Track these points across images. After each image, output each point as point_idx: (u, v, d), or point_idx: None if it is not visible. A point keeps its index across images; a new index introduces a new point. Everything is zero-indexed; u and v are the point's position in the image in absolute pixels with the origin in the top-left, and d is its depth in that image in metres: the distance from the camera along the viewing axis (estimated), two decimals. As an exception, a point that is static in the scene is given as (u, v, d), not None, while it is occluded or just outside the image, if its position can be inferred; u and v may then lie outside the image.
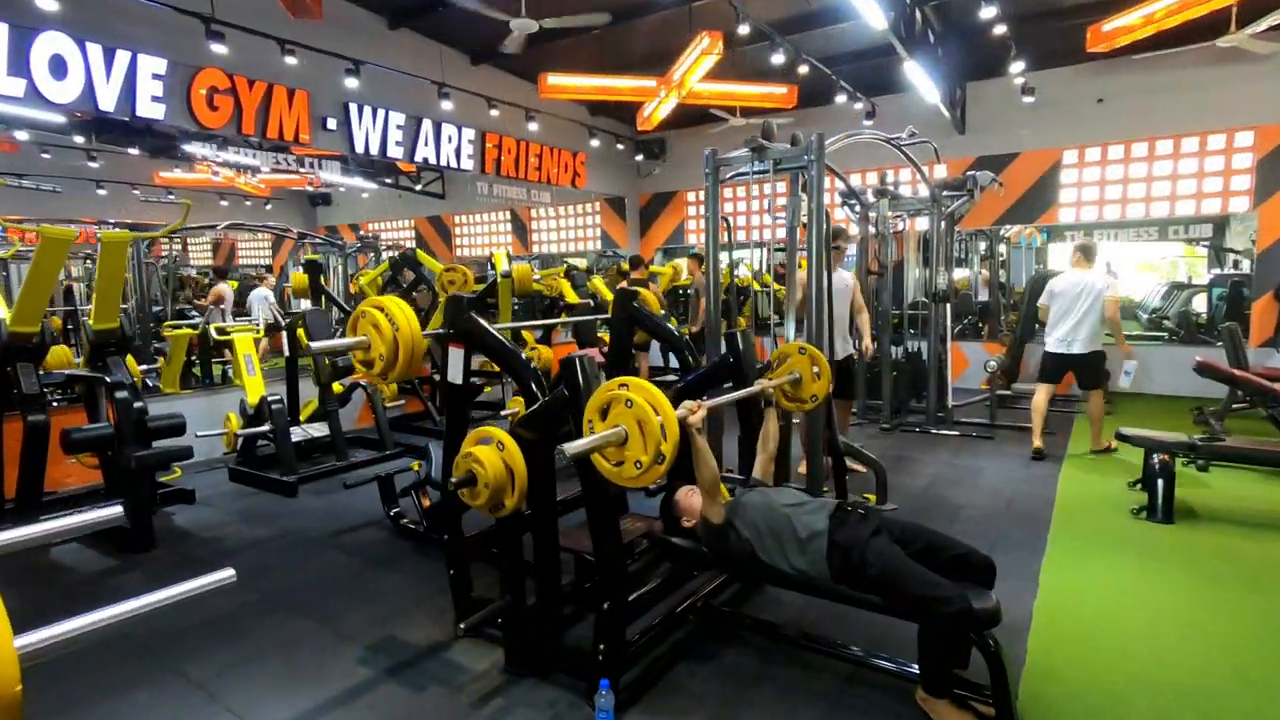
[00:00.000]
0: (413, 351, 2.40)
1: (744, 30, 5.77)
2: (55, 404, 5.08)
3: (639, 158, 10.30)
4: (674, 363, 8.34)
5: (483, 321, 2.59)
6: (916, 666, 2.28)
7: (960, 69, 7.63)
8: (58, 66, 4.74)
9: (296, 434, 5.50)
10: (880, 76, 7.79)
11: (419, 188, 12.10)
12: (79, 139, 8.17)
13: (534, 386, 2.47)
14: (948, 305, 6.35)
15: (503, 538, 2.48)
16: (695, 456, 2.34)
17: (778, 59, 6.30)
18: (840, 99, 7.76)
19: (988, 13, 5.61)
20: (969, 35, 6.84)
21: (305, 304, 6.73)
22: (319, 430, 5.56)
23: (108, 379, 3.77)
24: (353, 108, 6.51)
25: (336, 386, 5.64)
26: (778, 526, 2.33)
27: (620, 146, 9.65)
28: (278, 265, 14.83)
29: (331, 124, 6.45)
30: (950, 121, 7.89)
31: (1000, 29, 6.15)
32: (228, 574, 1.33)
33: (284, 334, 5.64)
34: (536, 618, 2.51)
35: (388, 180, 11.71)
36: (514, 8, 5.56)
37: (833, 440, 4.10)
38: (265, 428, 5.01)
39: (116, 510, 1.22)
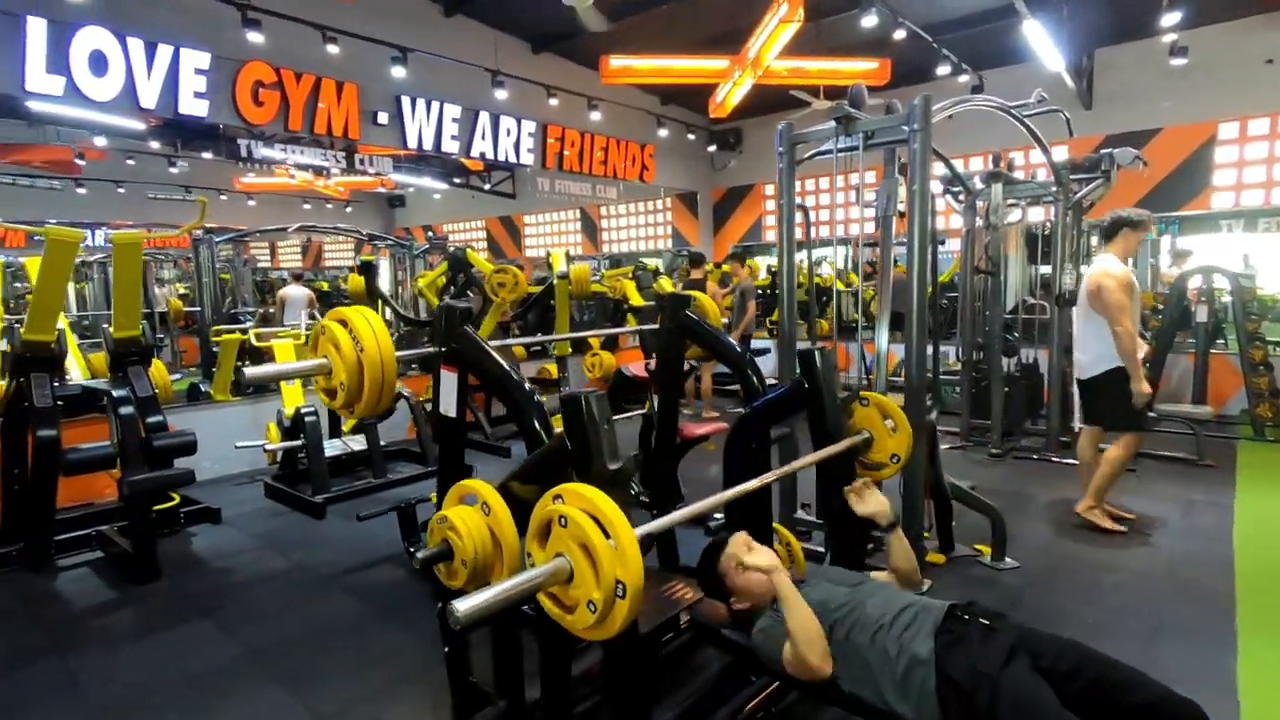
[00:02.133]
0: (382, 377, 1.86)
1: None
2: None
3: (712, 149, 9.61)
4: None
5: (479, 339, 2.02)
6: None
7: (1090, 31, 6.52)
8: (98, 63, 4.57)
9: (336, 447, 5.18)
10: (989, 46, 6.79)
11: (488, 187, 11.87)
12: (154, 144, 8.29)
13: (537, 426, 1.88)
14: (1073, 309, 5.32)
15: (497, 623, 1.90)
16: (784, 609, 1.70)
17: (869, 21, 5.47)
18: (942, 71, 6.80)
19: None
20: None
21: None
22: (360, 443, 5.21)
23: (113, 393, 3.47)
24: (405, 100, 6.17)
25: (379, 396, 5.27)
26: (864, 650, 1.62)
27: (691, 137, 9.00)
28: (357, 267, 15.04)
29: (383, 118, 6.14)
30: (1075, 94, 6.80)
31: (1147, -24, 5.11)
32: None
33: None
34: (541, 725, 1.91)
35: (457, 180, 11.53)
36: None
37: (937, 480, 3.33)
38: (299, 441, 4.69)
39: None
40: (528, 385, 1.96)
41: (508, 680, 1.90)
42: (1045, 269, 5.60)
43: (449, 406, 2.11)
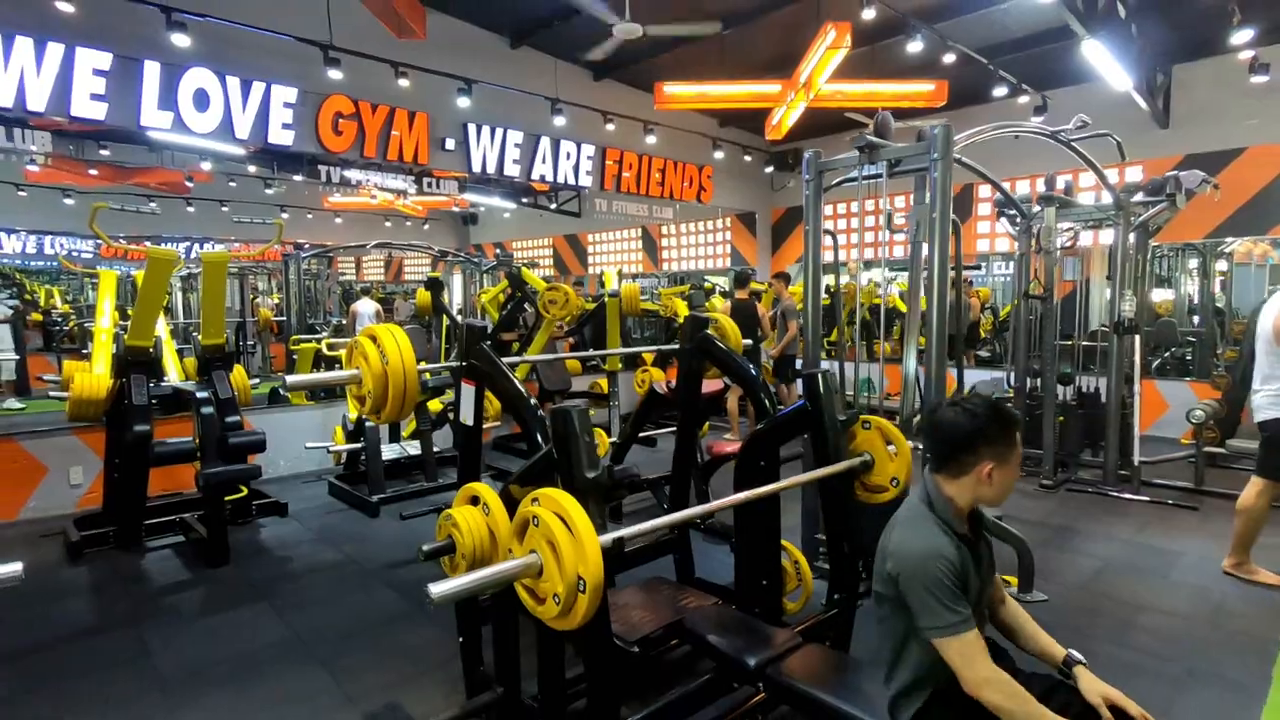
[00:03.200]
0: (405, 387, 2.09)
1: (877, 17, 5.05)
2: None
3: (769, 170, 9.67)
4: (801, 390, 7.57)
5: (495, 357, 2.22)
6: None
7: (1163, 48, 6.27)
8: (201, 99, 5.10)
9: (394, 451, 5.53)
10: (1054, 65, 6.61)
11: (554, 207, 12.29)
12: (252, 168, 9.08)
13: (539, 439, 2.05)
14: (1135, 337, 5.10)
15: (495, 615, 2.07)
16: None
17: (916, 47, 5.47)
18: (1000, 92, 6.66)
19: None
20: (1173, 4, 5.56)
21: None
22: (416, 448, 5.54)
23: (197, 394, 3.88)
24: (471, 127, 6.56)
25: (434, 404, 5.60)
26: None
27: (748, 158, 9.09)
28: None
29: (450, 144, 6.54)
30: (1149, 114, 6.51)
31: (1218, -8, 4.91)
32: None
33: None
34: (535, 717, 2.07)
35: (525, 200, 12.00)
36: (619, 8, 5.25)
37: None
38: (360, 444, 5.05)
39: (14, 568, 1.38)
40: (533, 401, 2.14)
41: (506, 670, 2.06)
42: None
43: (468, 416, 2.32)
